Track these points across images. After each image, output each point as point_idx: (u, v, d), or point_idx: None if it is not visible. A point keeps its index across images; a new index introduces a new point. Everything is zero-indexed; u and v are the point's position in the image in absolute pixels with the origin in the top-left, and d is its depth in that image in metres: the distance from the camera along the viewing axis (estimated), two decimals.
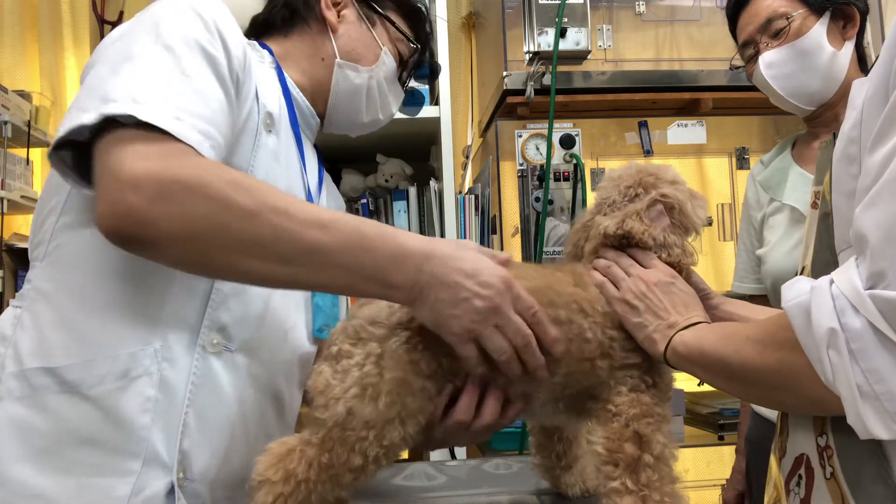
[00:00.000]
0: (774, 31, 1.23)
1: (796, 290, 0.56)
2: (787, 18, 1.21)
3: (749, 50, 1.29)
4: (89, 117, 0.65)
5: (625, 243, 0.86)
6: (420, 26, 1.10)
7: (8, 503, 0.73)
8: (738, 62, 1.33)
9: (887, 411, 0.50)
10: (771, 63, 1.23)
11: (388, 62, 1.06)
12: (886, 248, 0.50)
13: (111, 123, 0.66)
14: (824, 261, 0.63)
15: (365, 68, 1.04)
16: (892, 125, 0.52)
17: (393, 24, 1.06)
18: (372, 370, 0.75)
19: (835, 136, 0.62)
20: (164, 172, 0.63)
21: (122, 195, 0.63)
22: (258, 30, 1.05)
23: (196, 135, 0.68)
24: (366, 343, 0.77)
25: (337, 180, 1.78)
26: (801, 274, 0.69)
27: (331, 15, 1.02)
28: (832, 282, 0.53)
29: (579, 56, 1.73)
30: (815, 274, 0.64)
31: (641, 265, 0.84)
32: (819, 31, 1.20)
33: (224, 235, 0.65)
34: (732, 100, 1.80)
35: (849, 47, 1.22)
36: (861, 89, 0.57)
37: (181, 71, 0.72)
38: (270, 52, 1.00)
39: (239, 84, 0.81)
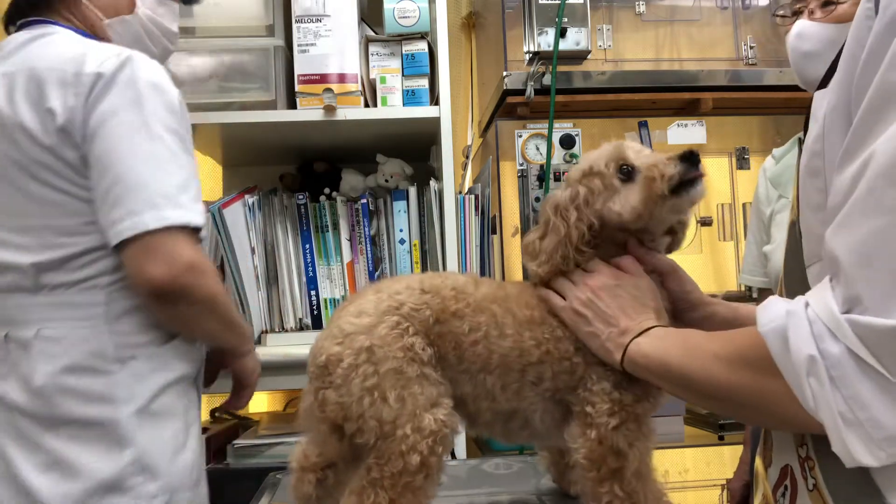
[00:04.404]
0: (826, 1, 1.16)
1: (771, 314, 0.55)
2: None
3: (796, 5, 1.22)
4: (154, 222, 0.94)
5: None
6: None
7: None
8: (782, 10, 1.27)
9: (872, 438, 0.49)
10: (801, 34, 1.17)
11: None
12: (860, 271, 0.49)
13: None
14: (795, 276, 0.62)
15: (130, 15, 1.14)
16: (859, 143, 0.51)
17: None
18: (368, 369, 0.76)
19: (801, 142, 0.61)
20: (201, 262, 0.98)
21: (181, 273, 0.94)
22: (32, 9, 1.08)
23: (201, 218, 1.00)
24: (353, 339, 0.77)
25: (337, 180, 1.78)
26: (781, 283, 0.68)
27: None
28: (807, 304, 0.52)
29: (579, 56, 1.73)
30: (789, 287, 0.64)
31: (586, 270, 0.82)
32: None
33: (216, 302, 1.01)
34: (732, 100, 1.80)
35: None
36: (822, 101, 0.57)
37: (183, 165, 0.99)
38: (86, 33, 1.08)
39: (188, 130, 1.06)
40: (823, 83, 0.58)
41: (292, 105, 1.61)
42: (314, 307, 1.62)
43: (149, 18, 1.16)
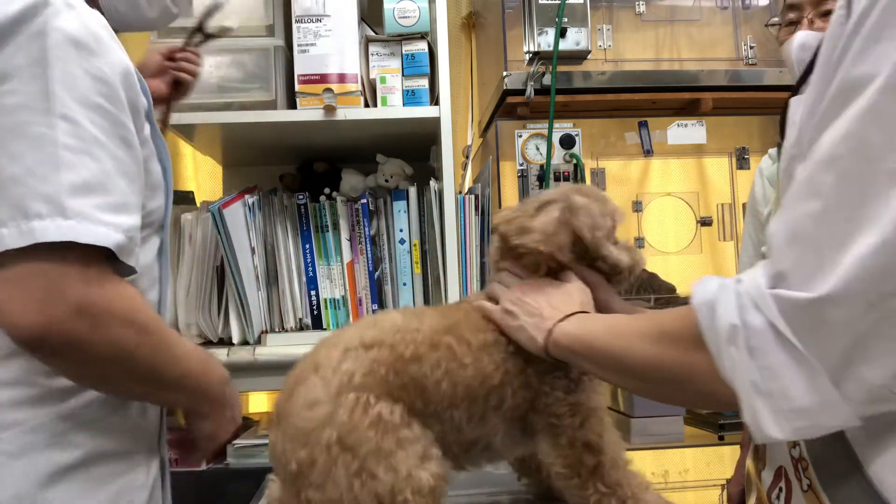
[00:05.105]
0: (825, 11, 1.14)
1: (705, 289, 0.57)
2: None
3: (791, 14, 1.20)
4: (15, 238, 0.65)
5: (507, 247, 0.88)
6: None
7: None
8: (776, 20, 1.26)
9: (780, 409, 0.51)
10: (805, 45, 1.15)
11: None
12: (789, 249, 0.51)
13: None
14: None
15: None
16: (809, 147, 0.53)
17: None
18: (346, 458, 0.71)
19: (779, 146, 0.63)
20: (101, 303, 0.68)
21: (63, 318, 0.66)
22: None
23: (113, 235, 0.70)
24: (317, 435, 0.71)
25: (337, 180, 1.78)
26: None
27: None
28: (739, 281, 0.55)
29: (579, 56, 1.73)
30: None
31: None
32: None
33: (132, 359, 0.73)
34: (732, 100, 1.80)
35: None
36: (798, 107, 0.58)
37: (100, 158, 0.70)
38: None
39: (135, 113, 0.78)
40: (797, 89, 0.59)
41: (292, 105, 1.61)
42: (314, 307, 1.62)
43: None
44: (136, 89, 0.78)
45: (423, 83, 1.63)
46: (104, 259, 0.70)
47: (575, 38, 1.68)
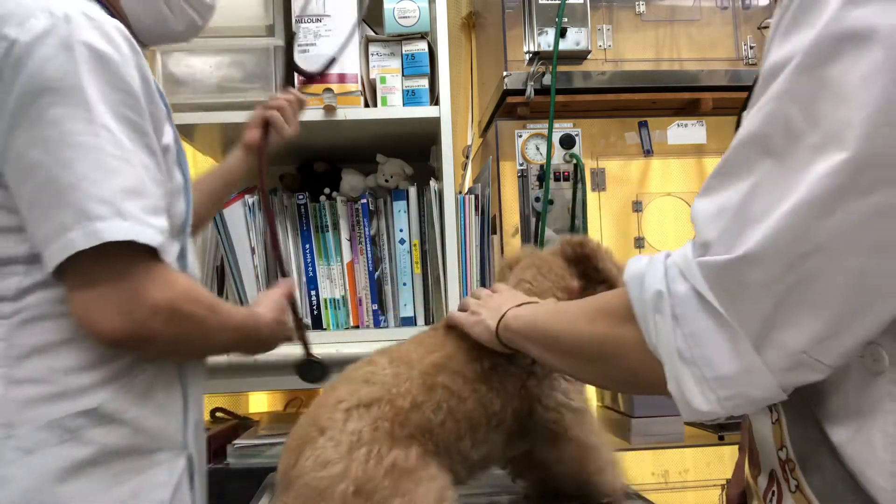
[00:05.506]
0: None
1: (637, 264, 0.58)
2: None
3: None
4: (83, 240, 0.69)
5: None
6: None
7: None
8: (769, 21, 1.29)
9: (704, 378, 0.51)
10: None
11: None
12: (714, 222, 0.52)
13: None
14: None
15: None
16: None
17: None
18: None
19: None
20: (174, 303, 0.76)
21: (143, 320, 0.73)
22: None
23: (157, 236, 0.75)
24: (331, 491, 0.71)
25: (337, 180, 1.78)
26: None
27: None
28: (668, 255, 0.56)
29: (579, 56, 1.73)
30: None
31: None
32: None
33: (197, 344, 0.85)
34: (732, 100, 1.80)
35: None
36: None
37: (136, 164, 0.75)
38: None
39: (155, 123, 0.81)
40: (746, 103, 0.60)
41: None
42: (314, 307, 1.62)
43: None
44: (154, 98, 0.81)
45: (423, 83, 1.63)
46: (157, 257, 0.76)
47: (575, 38, 1.68)
